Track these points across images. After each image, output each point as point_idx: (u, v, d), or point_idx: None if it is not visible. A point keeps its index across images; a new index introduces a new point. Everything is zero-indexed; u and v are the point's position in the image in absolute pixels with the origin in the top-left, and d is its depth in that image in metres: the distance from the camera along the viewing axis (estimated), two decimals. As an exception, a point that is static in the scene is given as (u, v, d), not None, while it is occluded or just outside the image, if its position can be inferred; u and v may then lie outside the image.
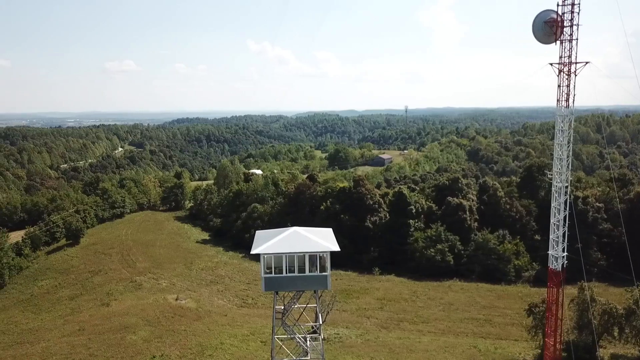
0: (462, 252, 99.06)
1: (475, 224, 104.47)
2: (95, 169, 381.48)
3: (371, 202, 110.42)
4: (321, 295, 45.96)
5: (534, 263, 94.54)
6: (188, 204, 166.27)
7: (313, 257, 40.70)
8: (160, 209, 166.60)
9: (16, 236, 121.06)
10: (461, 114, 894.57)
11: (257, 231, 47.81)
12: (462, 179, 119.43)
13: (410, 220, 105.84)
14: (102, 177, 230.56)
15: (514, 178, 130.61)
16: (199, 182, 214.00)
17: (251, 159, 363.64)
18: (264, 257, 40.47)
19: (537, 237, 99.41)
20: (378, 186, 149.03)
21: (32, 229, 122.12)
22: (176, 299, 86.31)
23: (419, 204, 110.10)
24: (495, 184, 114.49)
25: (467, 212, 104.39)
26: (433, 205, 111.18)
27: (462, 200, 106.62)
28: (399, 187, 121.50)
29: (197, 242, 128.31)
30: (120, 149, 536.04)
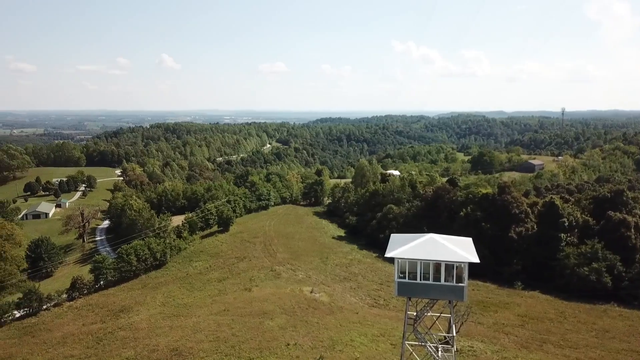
0: (624, 274, 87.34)
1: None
2: (245, 163, 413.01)
3: (517, 212, 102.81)
4: (455, 305, 44.00)
5: None
6: (326, 200, 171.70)
7: (450, 266, 39.04)
8: (301, 203, 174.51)
9: (177, 220, 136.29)
10: (630, 117, 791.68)
11: (392, 234, 47.33)
12: (627, 192, 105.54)
13: (562, 234, 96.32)
14: (251, 171, 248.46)
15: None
16: (338, 180, 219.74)
17: (389, 159, 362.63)
18: (398, 261, 39.90)
19: None
20: (526, 194, 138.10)
21: (190, 215, 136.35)
22: (311, 292, 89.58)
23: (572, 216, 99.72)
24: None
25: (632, 230, 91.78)
26: (590, 219, 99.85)
27: (626, 215, 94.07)
28: (551, 197, 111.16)
29: (333, 237, 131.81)
30: (268, 146, 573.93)
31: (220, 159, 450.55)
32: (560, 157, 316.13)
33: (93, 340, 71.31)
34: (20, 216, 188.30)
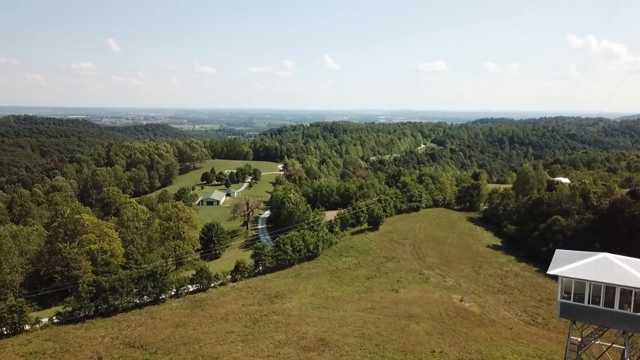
0: None
1: None
2: (398, 163, 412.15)
3: None
4: (631, 336, 38.25)
5: None
6: (482, 206, 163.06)
7: (627, 292, 34.00)
8: (454, 207, 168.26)
9: (330, 215, 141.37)
10: None
11: (557, 249, 42.92)
12: None
13: None
14: (404, 171, 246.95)
15: None
16: (496, 185, 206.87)
17: (558, 165, 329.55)
18: (562, 280, 35.99)
19: None
20: None
21: (342, 211, 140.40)
22: (460, 300, 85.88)
23: None
24: None
25: None
26: None
27: None
28: None
29: (487, 246, 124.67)
30: (422, 146, 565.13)
31: (374, 158, 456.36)
32: None
33: (250, 320, 77.61)
34: (197, 202, 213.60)
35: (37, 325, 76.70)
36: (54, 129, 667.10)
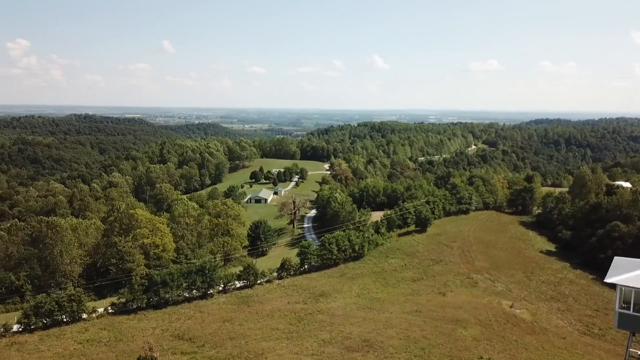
0: None
1: None
2: (447, 164, 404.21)
3: None
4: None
5: None
6: (536, 210, 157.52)
7: (694, 303, 31.90)
8: (506, 210, 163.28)
9: (376, 216, 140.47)
10: None
11: (616, 257, 40.79)
12: None
13: None
14: (453, 172, 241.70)
15: None
16: (551, 188, 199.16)
17: (618, 168, 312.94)
18: (621, 289, 34.17)
19: None
20: None
21: (389, 212, 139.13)
22: (511, 306, 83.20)
23: None
24: None
25: None
26: None
27: None
28: None
29: (540, 251, 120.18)
30: (473, 147, 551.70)
31: (422, 158, 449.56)
32: None
33: (295, 318, 78.21)
34: (245, 200, 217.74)
35: (94, 315, 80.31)
36: (112, 128, 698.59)
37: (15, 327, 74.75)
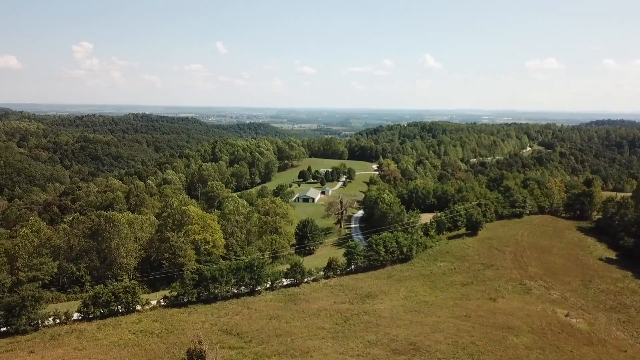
0: None
1: None
2: (501, 165, 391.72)
3: None
4: None
5: None
6: (595, 215, 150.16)
7: None
8: (562, 215, 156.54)
9: (425, 218, 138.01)
10: None
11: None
12: None
13: None
14: (507, 174, 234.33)
15: None
16: (612, 193, 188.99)
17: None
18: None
19: None
20: None
21: (439, 214, 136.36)
22: (566, 315, 79.67)
23: None
24: None
25: None
26: None
27: None
28: None
29: (599, 259, 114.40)
30: (528, 148, 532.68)
31: (474, 160, 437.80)
32: None
33: (341, 318, 78.08)
34: (293, 199, 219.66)
35: (147, 307, 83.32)
36: (167, 127, 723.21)
37: (75, 315, 78.70)
